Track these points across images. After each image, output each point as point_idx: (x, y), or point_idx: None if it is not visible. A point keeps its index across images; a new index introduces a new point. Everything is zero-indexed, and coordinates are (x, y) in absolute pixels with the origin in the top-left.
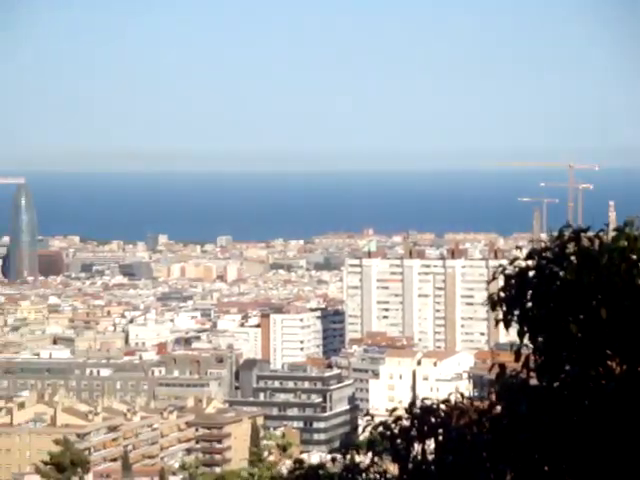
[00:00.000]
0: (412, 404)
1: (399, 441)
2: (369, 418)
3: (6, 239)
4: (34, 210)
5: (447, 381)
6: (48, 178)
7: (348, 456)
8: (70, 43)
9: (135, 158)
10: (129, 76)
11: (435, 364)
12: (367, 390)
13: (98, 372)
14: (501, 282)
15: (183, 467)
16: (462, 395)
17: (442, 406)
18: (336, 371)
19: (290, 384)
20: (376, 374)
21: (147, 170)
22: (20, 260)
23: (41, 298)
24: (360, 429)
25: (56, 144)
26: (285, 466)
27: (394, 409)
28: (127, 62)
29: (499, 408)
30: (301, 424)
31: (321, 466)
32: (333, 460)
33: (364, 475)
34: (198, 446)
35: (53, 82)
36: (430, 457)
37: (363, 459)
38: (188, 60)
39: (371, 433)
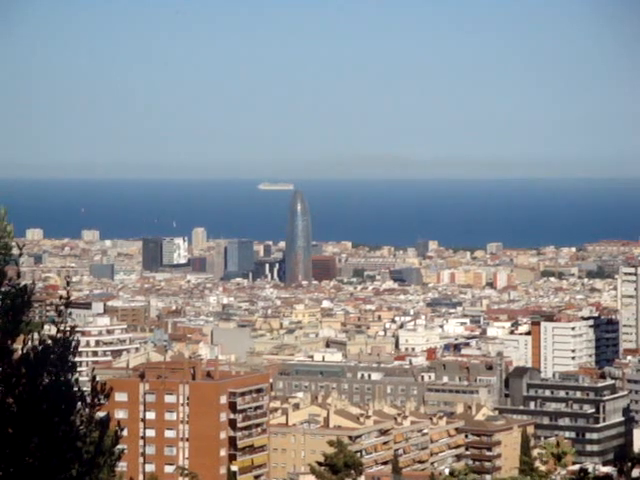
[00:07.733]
0: None
1: None
2: None
3: (282, 244)
4: (309, 216)
5: None
6: (320, 185)
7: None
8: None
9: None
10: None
11: None
12: None
13: (369, 376)
14: None
15: (452, 474)
16: None
17: None
18: (609, 381)
19: (562, 393)
20: None
21: (418, 177)
22: (295, 265)
23: (315, 302)
24: None
25: (326, 151)
26: (560, 476)
27: None
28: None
29: None
30: (573, 434)
31: (609, 477)
32: (621, 472)
33: None
34: (467, 453)
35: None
36: None
37: None
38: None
39: None
